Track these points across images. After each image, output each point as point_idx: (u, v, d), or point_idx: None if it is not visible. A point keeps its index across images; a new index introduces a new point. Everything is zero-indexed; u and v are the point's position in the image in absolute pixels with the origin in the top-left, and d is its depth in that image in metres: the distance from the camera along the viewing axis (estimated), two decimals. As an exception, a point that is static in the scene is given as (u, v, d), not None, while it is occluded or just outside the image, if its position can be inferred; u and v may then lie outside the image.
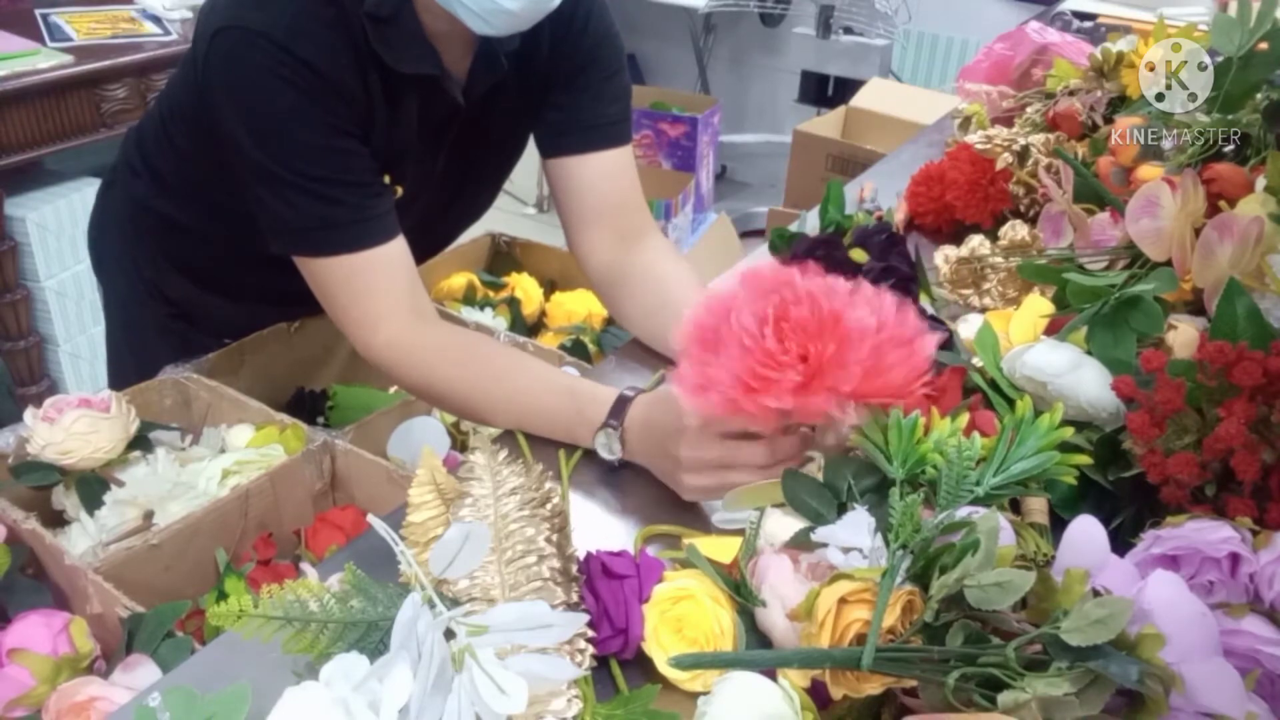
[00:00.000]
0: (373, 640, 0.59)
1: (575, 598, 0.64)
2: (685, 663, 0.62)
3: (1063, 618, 0.55)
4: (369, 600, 0.60)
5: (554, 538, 0.66)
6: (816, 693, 0.60)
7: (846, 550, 0.65)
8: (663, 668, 0.64)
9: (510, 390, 0.93)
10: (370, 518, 0.60)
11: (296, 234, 0.99)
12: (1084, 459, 0.71)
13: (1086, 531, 0.62)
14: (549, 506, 0.68)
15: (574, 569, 0.66)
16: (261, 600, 0.57)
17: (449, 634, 0.56)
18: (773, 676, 0.60)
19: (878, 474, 0.72)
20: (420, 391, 1.03)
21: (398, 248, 1.00)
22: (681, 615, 0.66)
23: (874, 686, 0.58)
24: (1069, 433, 0.69)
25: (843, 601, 0.59)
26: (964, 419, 0.72)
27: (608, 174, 1.11)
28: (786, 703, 0.59)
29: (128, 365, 1.34)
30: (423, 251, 1.23)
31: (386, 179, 1.04)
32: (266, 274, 1.07)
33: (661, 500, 0.84)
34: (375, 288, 0.99)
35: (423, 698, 0.53)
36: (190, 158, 1.14)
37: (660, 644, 0.65)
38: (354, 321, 1.00)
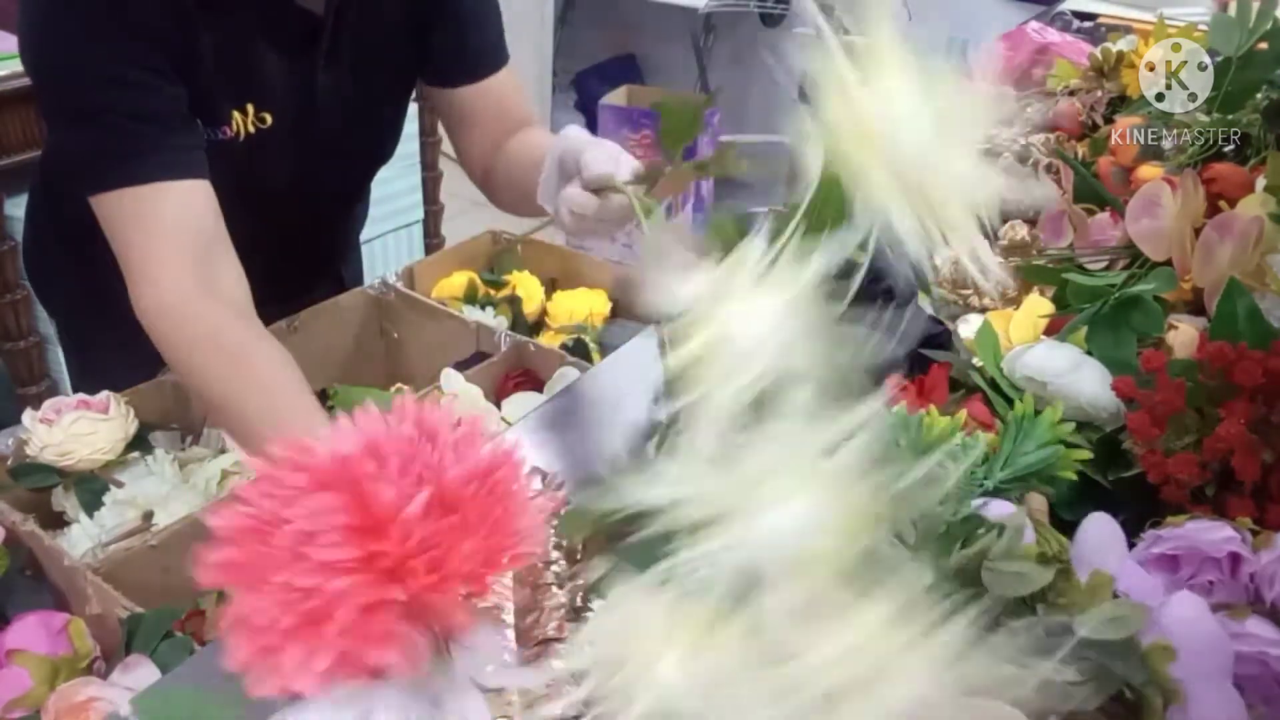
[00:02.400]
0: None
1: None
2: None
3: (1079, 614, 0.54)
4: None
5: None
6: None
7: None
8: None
9: (264, 407, 0.87)
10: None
11: (85, 170, 0.92)
12: (1085, 454, 0.71)
13: (1104, 529, 0.61)
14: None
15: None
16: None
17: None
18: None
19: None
20: (177, 373, 0.94)
21: (195, 192, 0.91)
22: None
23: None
24: (1070, 429, 0.69)
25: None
26: (962, 415, 0.72)
27: (498, 96, 1.12)
28: None
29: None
30: (340, 193, 1.21)
31: (250, 108, 1.00)
32: None
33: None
34: (158, 231, 0.89)
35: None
36: None
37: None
38: (132, 275, 0.91)
